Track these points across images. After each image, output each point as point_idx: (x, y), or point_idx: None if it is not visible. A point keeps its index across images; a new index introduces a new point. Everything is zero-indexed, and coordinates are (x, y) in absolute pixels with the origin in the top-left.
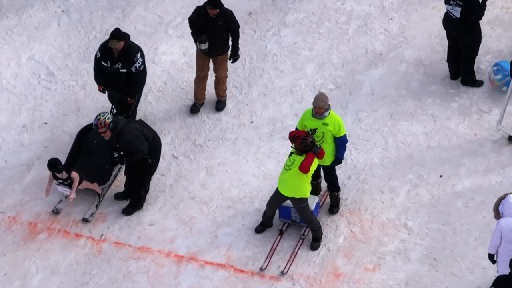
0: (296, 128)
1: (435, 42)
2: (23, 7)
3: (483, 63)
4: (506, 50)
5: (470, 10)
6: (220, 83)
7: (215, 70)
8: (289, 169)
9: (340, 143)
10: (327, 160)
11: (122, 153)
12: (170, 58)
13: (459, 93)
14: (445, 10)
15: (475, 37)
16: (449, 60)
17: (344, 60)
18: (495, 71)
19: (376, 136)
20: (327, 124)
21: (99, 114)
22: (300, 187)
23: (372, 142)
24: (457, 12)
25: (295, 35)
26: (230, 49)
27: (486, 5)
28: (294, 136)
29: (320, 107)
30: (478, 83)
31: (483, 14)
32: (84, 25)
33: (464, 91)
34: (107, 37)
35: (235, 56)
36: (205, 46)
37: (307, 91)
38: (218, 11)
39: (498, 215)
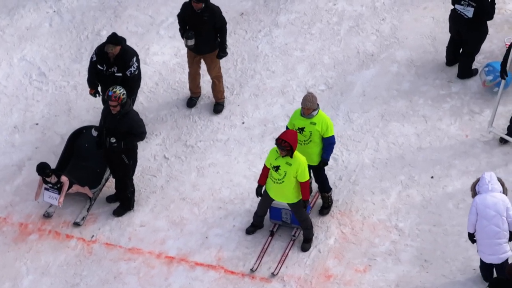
0: (287, 127)
1: (427, 43)
2: (15, 7)
3: (475, 64)
4: (497, 51)
5: (483, 11)
6: (216, 84)
7: (207, 70)
8: (282, 181)
9: (327, 144)
10: (315, 160)
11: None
12: (162, 58)
13: (450, 94)
14: (437, 12)
15: (482, 35)
16: (449, 47)
17: (336, 61)
18: (487, 72)
19: (368, 137)
20: (314, 124)
21: (115, 87)
22: (299, 191)
23: (363, 143)
24: (469, 12)
25: (286, 35)
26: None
27: (495, 3)
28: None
29: (308, 108)
30: (474, 72)
31: (494, 13)
32: (75, 26)
33: (455, 92)
34: (99, 38)
35: (222, 53)
36: (191, 42)
37: (298, 92)
38: (203, 5)
39: (475, 194)
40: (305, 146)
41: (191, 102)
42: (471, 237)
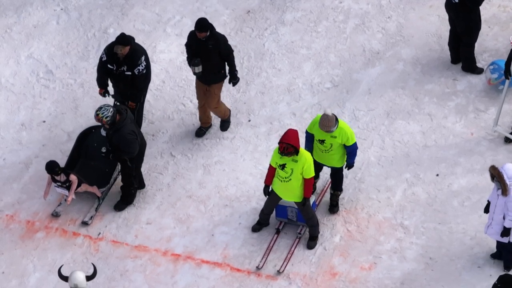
0: (306, 132)
1: (432, 41)
2: (22, 5)
3: (480, 61)
4: (503, 49)
5: None
6: (211, 110)
7: (206, 99)
8: (290, 179)
9: (350, 150)
10: (337, 164)
11: (110, 149)
12: (169, 56)
13: (456, 92)
14: (443, 10)
15: (472, 23)
16: (450, 44)
17: (342, 59)
18: (492, 70)
19: (373, 135)
20: (335, 137)
21: (99, 109)
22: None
23: (369, 141)
24: None
25: (293, 33)
26: (226, 76)
27: None
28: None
29: (328, 131)
30: (478, 71)
31: (482, 0)
32: (83, 24)
33: (461, 90)
34: (106, 36)
35: (234, 80)
36: (198, 69)
37: (304, 90)
38: (208, 34)
39: (507, 189)
40: (327, 154)
41: (200, 132)
42: None
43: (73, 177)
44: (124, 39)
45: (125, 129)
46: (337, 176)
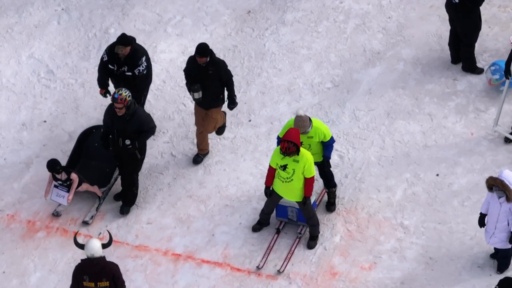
0: (278, 137)
1: (433, 41)
2: (23, 5)
3: (480, 62)
4: (503, 49)
5: None
6: (204, 136)
7: (205, 121)
8: (291, 179)
9: (327, 144)
10: (319, 158)
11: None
12: (169, 56)
13: (456, 92)
14: (443, 10)
15: (473, 24)
16: (450, 44)
17: (342, 59)
18: (493, 70)
19: (373, 134)
20: (311, 137)
21: (121, 89)
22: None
23: (369, 140)
24: None
25: (293, 33)
26: (224, 102)
27: None
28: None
29: (304, 132)
30: (478, 71)
31: (482, 0)
32: (84, 23)
33: (461, 90)
34: (106, 36)
35: (232, 105)
36: (198, 95)
37: (305, 90)
38: (208, 59)
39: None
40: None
41: (198, 159)
42: None
43: (74, 176)
44: (125, 39)
45: (139, 110)
46: (324, 173)
